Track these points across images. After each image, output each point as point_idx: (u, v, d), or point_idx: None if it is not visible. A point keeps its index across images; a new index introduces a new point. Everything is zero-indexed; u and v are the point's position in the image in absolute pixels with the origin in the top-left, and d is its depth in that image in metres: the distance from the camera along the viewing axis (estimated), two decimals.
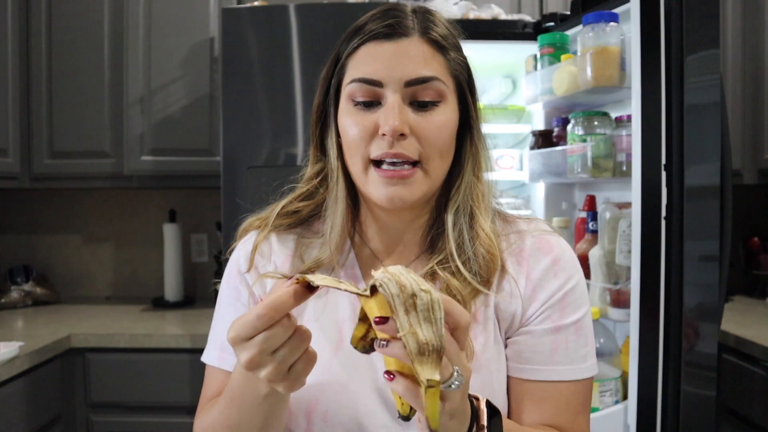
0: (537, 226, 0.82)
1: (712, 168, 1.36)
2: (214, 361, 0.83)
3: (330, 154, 0.80)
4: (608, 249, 1.62)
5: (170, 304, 2.38)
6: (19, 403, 1.67)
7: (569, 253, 0.81)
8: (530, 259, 0.78)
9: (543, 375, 0.76)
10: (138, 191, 2.56)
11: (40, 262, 2.58)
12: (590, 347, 0.79)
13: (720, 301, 1.41)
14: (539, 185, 2.00)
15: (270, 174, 0.89)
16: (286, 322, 0.57)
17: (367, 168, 0.74)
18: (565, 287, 0.77)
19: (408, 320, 0.50)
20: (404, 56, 0.72)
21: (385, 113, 0.71)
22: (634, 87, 1.40)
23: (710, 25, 1.36)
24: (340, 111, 0.77)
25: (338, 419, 0.75)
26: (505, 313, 0.77)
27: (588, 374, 0.78)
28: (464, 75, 0.78)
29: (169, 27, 2.20)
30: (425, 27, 0.74)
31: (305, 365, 0.60)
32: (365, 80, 0.72)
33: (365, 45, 0.74)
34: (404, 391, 0.53)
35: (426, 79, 0.72)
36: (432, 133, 0.73)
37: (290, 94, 1.84)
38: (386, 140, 0.71)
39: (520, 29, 1.90)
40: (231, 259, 0.86)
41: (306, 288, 0.57)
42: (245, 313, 0.57)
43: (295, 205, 0.83)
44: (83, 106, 2.26)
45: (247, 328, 0.56)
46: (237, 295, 0.83)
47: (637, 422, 1.41)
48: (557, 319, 0.77)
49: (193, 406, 1.90)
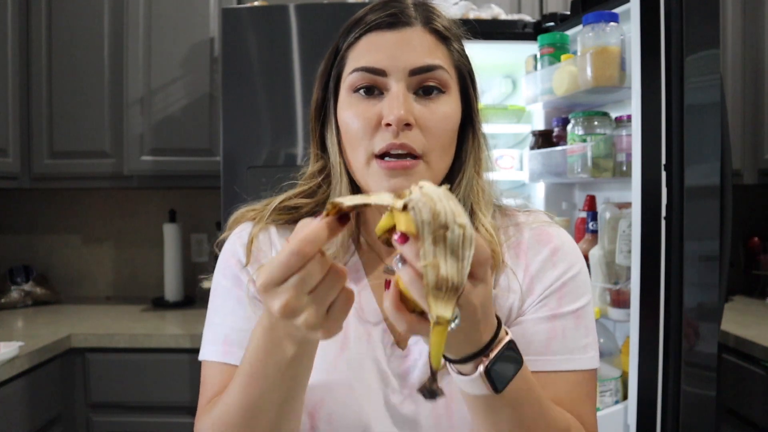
0: (536, 218, 0.81)
1: (712, 168, 1.36)
2: (216, 356, 0.76)
3: (331, 150, 0.77)
4: (608, 249, 1.62)
5: (170, 304, 2.37)
6: (19, 403, 1.67)
7: (569, 243, 0.79)
8: (528, 252, 0.77)
9: (539, 365, 0.72)
10: (138, 191, 2.56)
11: (40, 262, 2.58)
12: (591, 338, 0.76)
13: (720, 301, 1.41)
14: (539, 185, 2.00)
15: (270, 174, 0.87)
16: (320, 258, 0.52)
17: (370, 161, 0.71)
18: (564, 276, 0.76)
19: (433, 251, 0.46)
20: (408, 45, 0.70)
21: (390, 103, 0.69)
22: (634, 87, 1.40)
23: (710, 25, 1.36)
24: (340, 104, 0.74)
25: (343, 421, 0.74)
26: (502, 308, 0.75)
27: (589, 365, 0.75)
28: (467, 67, 0.77)
29: (169, 27, 2.20)
30: (428, 17, 0.73)
31: (343, 304, 0.54)
32: (368, 69, 0.70)
33: (367, 35, 0.72)
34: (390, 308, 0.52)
35: (431, 68, 0.71)
36: (436, 124, 0.71)
37: (290, 94, 1.84)
38: (390, 130, 0.69)
39: (520, 29, 1.90)
40: (226, 249, 0.81)
41: (338, 219, 0.52)
42: (274, 257, 0.52)
43: (294, 201, 0.80)
44: (83, 106, 2.26)
45: (280, 269, 0.51)
46: (237, 283, 0.78)
47: (637, 422, 1.41)
48: (554, 308, 0.74)
49: (193, 406, 1.90)
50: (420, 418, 0.74)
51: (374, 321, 0.77)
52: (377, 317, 0.77)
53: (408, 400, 0.75)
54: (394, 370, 0.75)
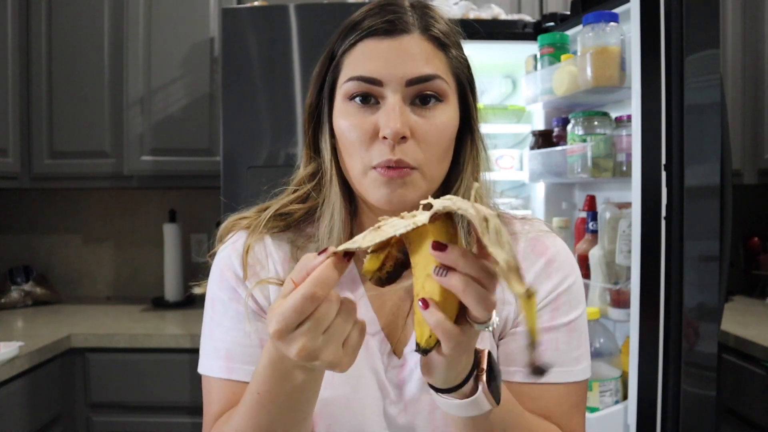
0: (533, 227, 0.80)
1: (712, 168, 1.36)
2: (220, 372, 0.75)
3: (324, 154, 0.76)
4: (608, 249, 1.62)
5: (170, 304, 2.37)
6: (19, 403, 1.67)
7: (564, 254, 0.78)
8: (524, 262, 0.76)
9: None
10: (138, 191, 2.56)
11: (40, 262, 2.58)
12: (584, 349, 0.76)
13: (720, 301, 1.41)
14: (539, 185, 2.00)
15: (270, 174, 0.86)
16: (332, 296, 0.51)
17: (367, 171, 0.70)
18: (559, 288, 0.76)
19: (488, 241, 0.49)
20: (405, 54, 0.68)
21: (386, 115, 0.67)
22: (634, 87, 1.40)
23: (710, 25, 1.36)
24: (335, 111, 0.73)
25: (344, 426, 0.74)
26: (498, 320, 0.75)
27: (580, 377, 0.75)
28: (465, 74, 0.75)
29: (169, 27, 2.20)
30: (426, 23, 0.71)
31: (358, 337, 0.54)
32: (364, 78, 0.69)
33: (363, 42, 0.70)
34: (437, 323, 0.51)
35: (428, 78, 0.69)
36: (433, 136, 0.69)
37: (290, 94, 1.84)
38: (387, 144, 0.67)
39: (520, 29, 1.90)
40: (220, 259, 0.79)
41: (344, 256, 0.52)
42: (281, 303, 0.51)
43: (287, 208, 0.78)
44: (83, 106, 2.25)
45: (294, 314, 0.50)
46: (235, 297, 0.77)
47: (637, 422, 1.41)
48: (548, 320, 0.74)
49: (193, 406, 1.90)
50: (417, 429, 0.75)
51: (372, 331, 0.76)
52: (375, 327, 0.76)
53: (404, 411, 0.75)
54: (391, 381, 0.75)
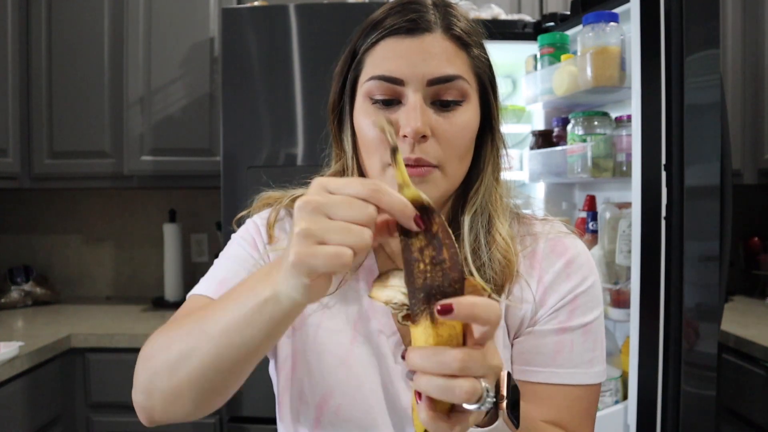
0: (553, 227, 0.79)
1: (712, 168, 1.36)
2: (207, 291, 0.74)
3: (347, 152, 0.76)
4: (608, 249, 1.62)
5: (170, 304, 2.37)
6: (19, 403, 1.67)
7: (584, 255, 0.78)
8: (543, 262, 0.76)
9: (543, 377, 0.73)
10: (138, 191, 2.56)
11: (40, 262, 2.58)
12: (599, 352, 0.76)
13: (720, 301, 1.41)
14: (539, 185, 2.00)
15: (270, 174, 0.86)
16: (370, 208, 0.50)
17: (385, 169, 0.70)
18: (577, 289, 0.75)
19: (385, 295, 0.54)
20: (427, 53, 0.68)
21: (407, 114, 0.67)
22: (634, 87, 1.40)
23: (710, 25, 1.36)
24: (356, 109, 0.73)
25: (350, 413, 0.74)
26: (514, 318, 0.75)
27: (594, 380, 0.74)
28: (487, 73, 0.75)
29: (169, 27, 2.20)
30: (448, 22, 0.70)
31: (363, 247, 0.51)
32: (385, 78, 0.68)
33: (385, 40, 0.70)
34: (425, 421, 0.50)
35: (449, 78, 0.68)
36: (454, 136, 0.69)
37: (290, 94, 1.84)
38: (407, 142, 0.67)
39: (520, 29, 1.90)
40: (252, 221, 0.82)
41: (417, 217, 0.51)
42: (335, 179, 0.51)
43: None
44: (83, 106, 2.26)
45: (343, 181, 0.50)
46: (254, 246, 0.78)
47: (637, 422, 1.41)
48: (564, 321, 0.74)
49: None
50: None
51: (388, 333, 0.75)
52: (391, 329, 0.76)
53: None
54: (404, 374, 0.75)
